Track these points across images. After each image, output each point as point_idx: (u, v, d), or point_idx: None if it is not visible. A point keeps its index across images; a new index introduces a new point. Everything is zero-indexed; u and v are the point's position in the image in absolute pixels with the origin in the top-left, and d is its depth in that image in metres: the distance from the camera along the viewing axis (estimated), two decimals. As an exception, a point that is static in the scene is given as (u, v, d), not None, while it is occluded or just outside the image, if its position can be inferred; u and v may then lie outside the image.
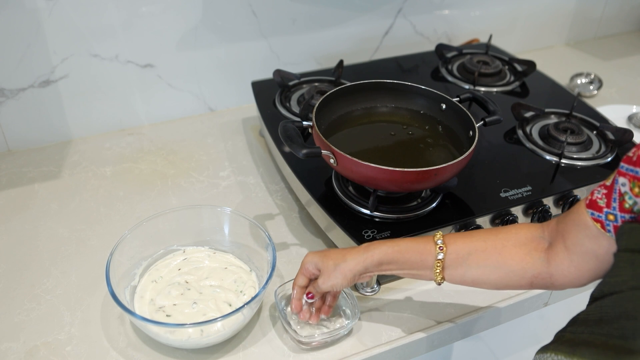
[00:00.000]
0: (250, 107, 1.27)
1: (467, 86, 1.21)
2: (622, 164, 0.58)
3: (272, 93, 1.14)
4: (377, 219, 0.84)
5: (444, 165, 0.78)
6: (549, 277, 0.67)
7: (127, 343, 0.76)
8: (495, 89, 1.21)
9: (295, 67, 1.29)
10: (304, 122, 0.86)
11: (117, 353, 0.75)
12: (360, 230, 0.82)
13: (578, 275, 0.66)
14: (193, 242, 0.88)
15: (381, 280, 0.86)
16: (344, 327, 0.76)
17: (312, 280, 0.76)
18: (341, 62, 1.17)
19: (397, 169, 0.77)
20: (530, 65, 1.25)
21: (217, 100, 1.28)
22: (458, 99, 0.96)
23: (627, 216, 0.58)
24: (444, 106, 0.95)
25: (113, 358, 0.74)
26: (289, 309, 0.80)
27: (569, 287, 0.68)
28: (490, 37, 1.35)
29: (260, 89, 1.15)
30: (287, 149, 0.87)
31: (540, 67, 1.28)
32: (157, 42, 1.14)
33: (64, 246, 0.92)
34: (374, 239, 0.78)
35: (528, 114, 1.10)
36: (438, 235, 0.71)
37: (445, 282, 0.71)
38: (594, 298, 0.56)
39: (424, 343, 0.80)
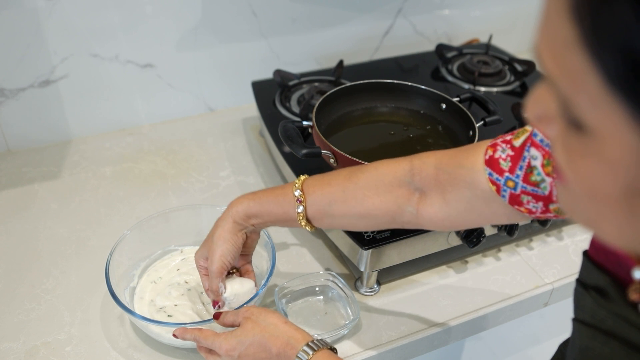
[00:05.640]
0: (250, 107, 1.27)
1: (467, 86, 1.21)
2: (538, 133, 0.51)
3: (272, 93, 1.14)
4: (377, 219, 0.84)
5: (444, 165, 0.78)
6: (418, 224, 0.63)
7: (127, 343, 0.76)
8: (495, 89, 1.21)
9: (295, 67, 1.29)
10: (304, 122, 0.86)
11: (117, 353, 0.75)
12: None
13: (450, 225, 0.62)
14: (193, 242, 0.88)
15: (381, 280, 0.86)
16: (344, 327, 0.76)
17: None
18: (341, 62, 1.17)
19: (397, 169, 0.76)
20: (530, 65, 1.24)
21: (217, 100, 1.28)
22: (458, 99, 0.96)
23: (528, 187, 0.52)
24: (444, 106, 0.95)
25: (113, 358, 0.74)
26: (289, 308, 0.80)
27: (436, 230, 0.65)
28: (490, 37, 1.35)
29: (260, 89, 1.15)
30: (287, 149, 0.87)
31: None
32: (157, 42, 1.14)
33: (64, 246, 0.91)
34: (373, 239, 0.78)
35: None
36: (298, 184, 0.67)
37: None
38: None
39: (424, 343, 0.80)
